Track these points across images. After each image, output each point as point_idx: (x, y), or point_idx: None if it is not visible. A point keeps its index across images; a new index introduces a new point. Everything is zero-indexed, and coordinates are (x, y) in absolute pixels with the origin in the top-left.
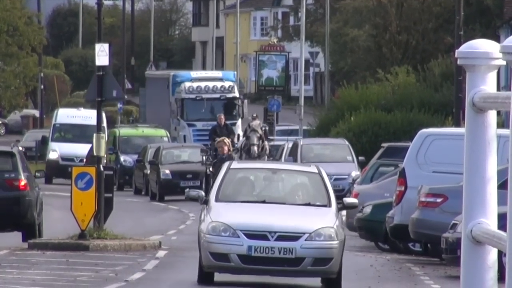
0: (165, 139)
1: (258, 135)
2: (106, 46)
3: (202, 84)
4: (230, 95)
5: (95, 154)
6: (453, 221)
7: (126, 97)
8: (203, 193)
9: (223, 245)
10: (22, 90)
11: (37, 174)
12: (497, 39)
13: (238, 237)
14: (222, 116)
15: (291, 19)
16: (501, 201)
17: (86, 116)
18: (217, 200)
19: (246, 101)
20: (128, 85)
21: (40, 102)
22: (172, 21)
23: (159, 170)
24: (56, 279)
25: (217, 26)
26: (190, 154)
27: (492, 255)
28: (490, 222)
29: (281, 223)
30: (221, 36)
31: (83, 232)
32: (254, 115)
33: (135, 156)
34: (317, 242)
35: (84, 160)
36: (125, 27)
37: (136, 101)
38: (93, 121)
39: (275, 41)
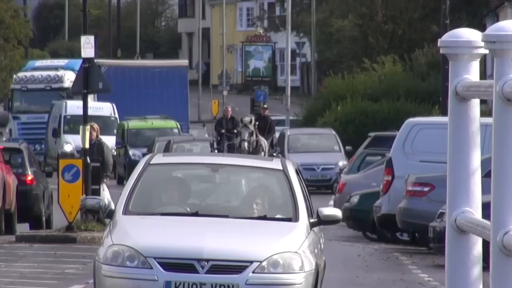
0: (175, 130)
1: (250, 130)
2: (91, 38)
3: (28, 74)
4: (56, 86)
5: (81, 146)
6: (440, 210)
7: None
8: (105, 202)
9: (128, 281)
10: (8, 83)
11: (46, 169)
12: (483, 28)
13: (151, 268)
14: (229, 108)
15: (277, 9)
16: (486, 190)
17: (97, 107)
18: (126, 212)
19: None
20: None
21: None
22: (158, 13)
23: None
24: (44, 271)
25: (203, 17)
26: (202, 148)
27: (476, 244)
28: (474, 211)
29: (216, 247)
30: (207, 27)
31: (71, 225)
32: (265, 106)
33: (145, 150)
34: (272, 275)
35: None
36: (111, 19)
37: None
38: (104, 112)
39: (261, 31)
